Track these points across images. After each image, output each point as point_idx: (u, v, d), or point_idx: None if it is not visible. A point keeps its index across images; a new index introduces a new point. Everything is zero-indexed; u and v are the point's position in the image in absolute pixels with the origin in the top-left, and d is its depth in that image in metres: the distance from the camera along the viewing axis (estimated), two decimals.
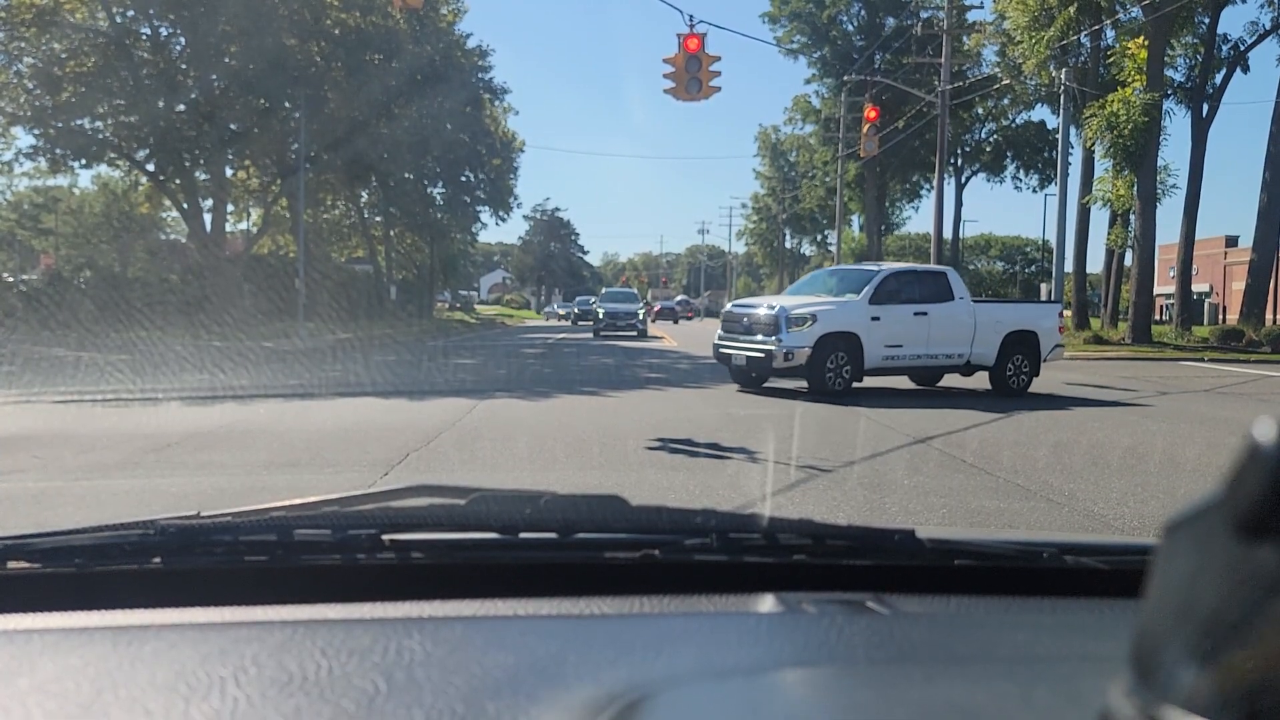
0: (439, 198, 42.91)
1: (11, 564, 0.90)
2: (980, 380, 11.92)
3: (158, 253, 41.74)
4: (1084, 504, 5.06)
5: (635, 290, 43.54)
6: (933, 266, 13.14)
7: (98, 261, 36.90)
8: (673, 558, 0.96)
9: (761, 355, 10.70)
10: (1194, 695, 0.40)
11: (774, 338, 10.60)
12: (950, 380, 12.28)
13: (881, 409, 9.48)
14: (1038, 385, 12.07)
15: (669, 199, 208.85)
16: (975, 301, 12.02)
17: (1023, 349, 11.69)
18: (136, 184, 31.43)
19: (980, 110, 42.60)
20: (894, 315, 11.03)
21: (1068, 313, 26.46)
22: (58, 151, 25.46)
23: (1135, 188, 23.04)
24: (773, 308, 10.89)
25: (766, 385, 11.38)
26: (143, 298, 24.96)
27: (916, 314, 11.18)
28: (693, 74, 12.40)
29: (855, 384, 10.79)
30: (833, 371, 10.56)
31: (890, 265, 12.40)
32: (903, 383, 12.16)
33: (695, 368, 15.73)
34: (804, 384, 10.84)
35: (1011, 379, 11.64)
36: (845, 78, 37.74)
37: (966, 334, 11.42)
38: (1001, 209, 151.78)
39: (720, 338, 11.58)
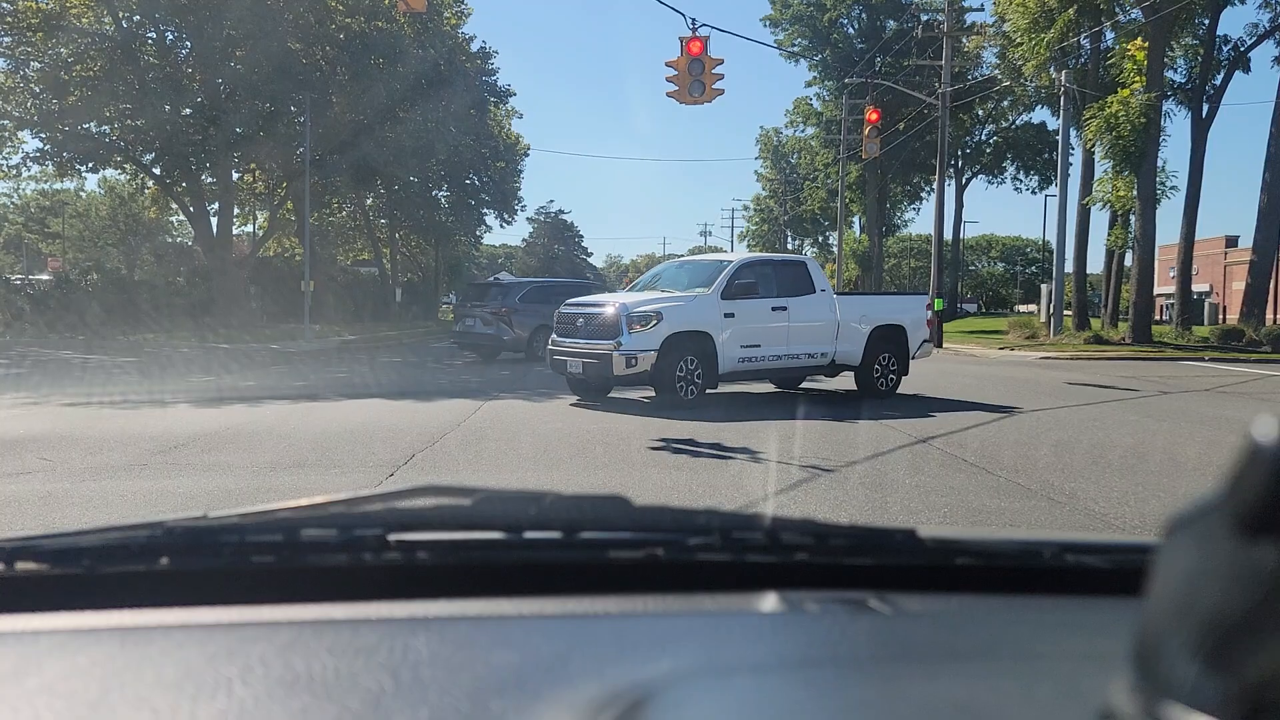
0: (444, 200, 43.00)
1: (20, 565, 0.90)
2: (845, 381, 11.14)
3: (164, 256, 41.92)
4: (1085, 503, 5.06)
5: None
6: (790, 255, 11.56)
7: (105, 264, 37.06)
8: (676, 557, 0.96)
9: (599, 361, 9.32)
10: (1195, 692, 0.40)
11: (613, 341, 9.24)
12: (811, 382, 11.59)
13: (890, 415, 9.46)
14: (924, 387, 11.63)
15: (672, 201, 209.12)
16: (838, 294, 11.00)
17: (890, 345, 10.78)
18: (143, 187, 31.53)
19: (980, 112, 42.61)
20: (750, 311, 9.84)
21: (1068, 313, 26.47)
22: (64, 155, 25.56)
23: (1135, 188, 23.02)
24: (612, 306, 9.58)
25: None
26: (149, 300, 25.07)
27: (775, 309, 10.07)
28: (695, 77, 12.42)
29: (710, 390, 9.72)
30: (684, 378, 9.35)
31: (744, 255, 10.93)
32: (761, 387, 11.33)
33: None
34: (651, 393, 9.70)
35: (879, 379, 10.71)
36: (846, 80, 37.78)
37: (829, 330, 10.45)
38: (1002, 210, 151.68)
39: (554, 342, 10.14)
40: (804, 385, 11.64)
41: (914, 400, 10.46)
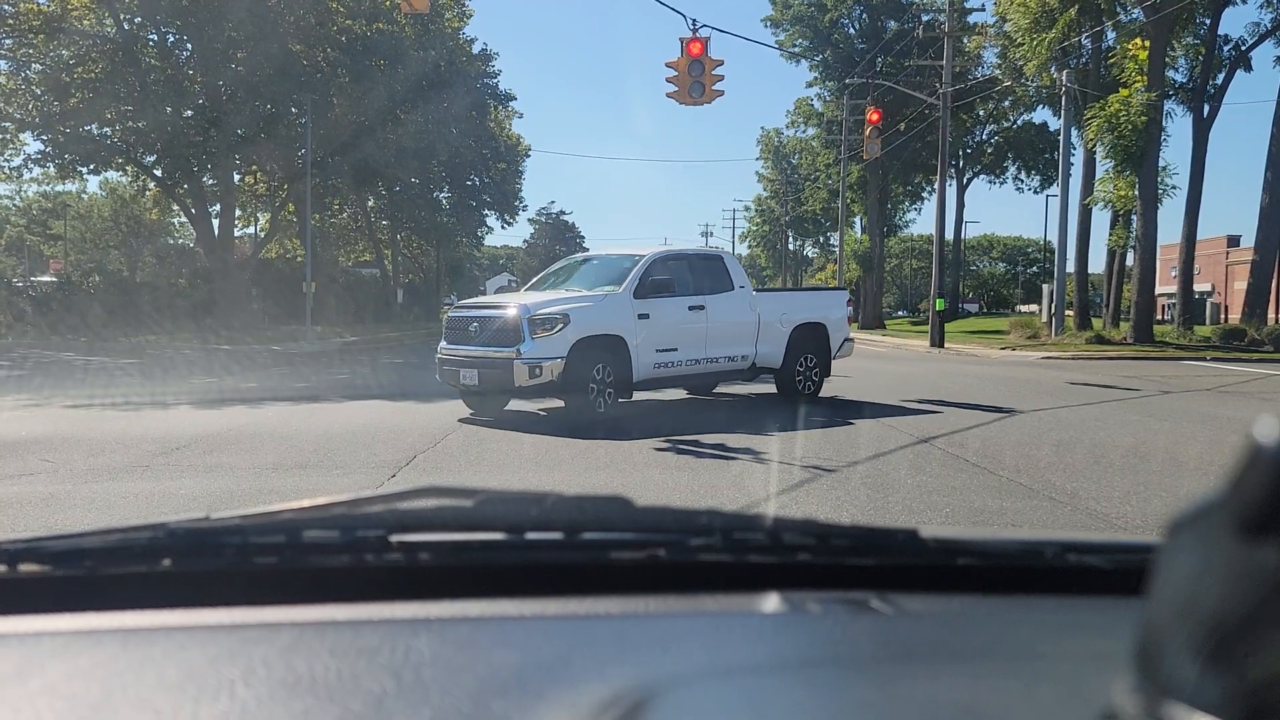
0: (445, 202, 43.05)
1: (23, 566, 0.90)
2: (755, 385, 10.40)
3: (166, 257, 42.06)
4: (1086, 503, 5.05)
5: None
6: (706, 249, 10.16)
7: (106, 266, 37.19)
8: (678, 558, 0.96)
9: (497, 370, 8.26)
10: (1197, 692, 0.40)
11: (514, 348, 8.19)
12: (724, 386, 10.84)
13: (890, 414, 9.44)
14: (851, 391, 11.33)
15: (673, 201, 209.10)
16: (756, 291, 10.19)
17: (812, 346, 10.15)
18: (144, 189, 31.59)
19: (981, 112, 42.63)
20: (665, 312, 8.96)
21: (1070, 313, 26.47)
22: (66, 157, 25.60)
23: (1136, 188, 23.02)
24: (512, 308, 8.47)
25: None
26: (151, 302, 25.13)
27: (692, 308, 9.24)
28: (695, 78, 12.42)
29: (622, 400, 8.73)
30: (596, 387, 8.38)
31: (656, 249, 9.74)
32: (673, 394, 10.35)
33: None
34: (559, 405, 8.67)
35: (801, 382, 10.07)
36: (847, 81, 37.79)
37: (750, 330, 9.68)
38: (1003, 210, 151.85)
39: (444, 350, 8.89)
40: (717, 390, 10.94)
41: (844, 405, 9.87)
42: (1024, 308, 55.09)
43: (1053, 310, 26.06)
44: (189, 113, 25.30)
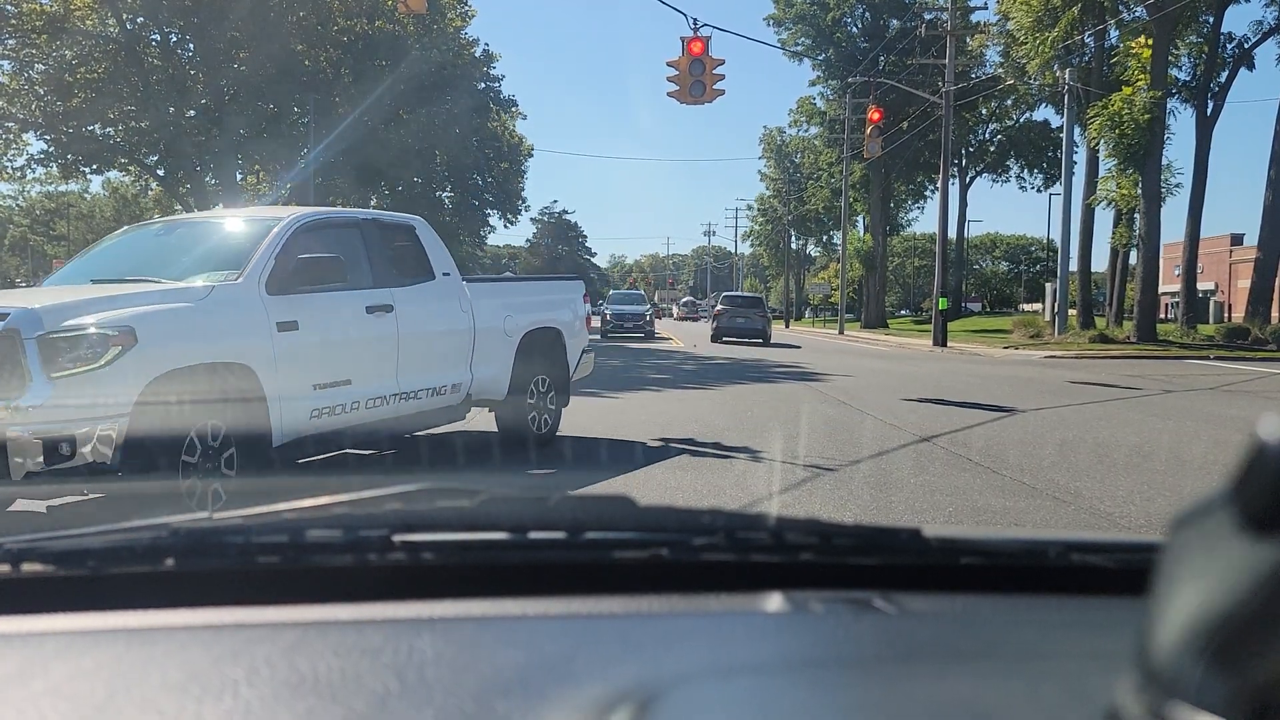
0: (447, 201, 43.09)
1: (26, 566, 0.91)
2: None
3: None
4: (1090, 502, 5.05)
5: (642, 292, 43.87)
6: (386, 215, 6.76)
7: None
8: (681, 557, 0.96)
9: None
10: (1201, 692, 0.40)
11: (6, 400, 4.00)
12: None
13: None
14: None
15: (675, 201, 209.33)
16: (465, 280, 6.64)
17: (545, 362, 6.88)
18: (147, 189, 31.64)
19: (984, 111, 42.60)
20: (326, 315, 5.25)
21: (1073, 311, 26.45)
22: (69, 157, 25.67)
23: (1139, 186, 23.00)
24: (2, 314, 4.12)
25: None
26: None
27: (372, 310, 5.56)
28: (696, 77, 12.43)
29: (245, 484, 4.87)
30: (196, 465, 4.41)
31: (300, 210, 5.77)
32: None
33: (701, 368, 15.74)
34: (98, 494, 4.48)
35: (534, 417, 6.77)
36: (849, 79, 37.76)
37: (463, 343, 6.24)
38: (1006, 209, 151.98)
39: None
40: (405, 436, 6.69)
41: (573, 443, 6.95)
42: (1027, 307, 54.99)
43: (1056, 309, 26.04)
44: (191, 112, 25.35)
